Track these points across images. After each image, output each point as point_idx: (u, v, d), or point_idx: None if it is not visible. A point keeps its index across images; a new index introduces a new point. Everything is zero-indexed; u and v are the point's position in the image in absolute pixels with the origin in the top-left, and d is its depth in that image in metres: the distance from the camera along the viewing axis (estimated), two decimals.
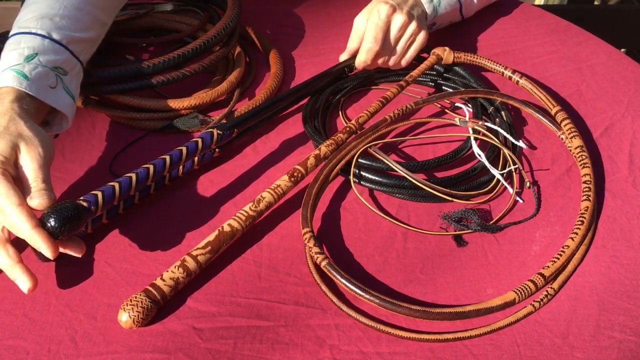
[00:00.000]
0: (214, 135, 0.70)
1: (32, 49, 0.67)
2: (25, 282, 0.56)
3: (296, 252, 0.64)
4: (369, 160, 0.71)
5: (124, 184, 0.63)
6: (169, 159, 0.66)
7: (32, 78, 0.65)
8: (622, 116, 0.83)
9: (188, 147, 0.68)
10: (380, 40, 0.82)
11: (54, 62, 0.68)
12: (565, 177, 0.73)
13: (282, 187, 0.66)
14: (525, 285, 0.58)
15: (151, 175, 0.65)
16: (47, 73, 0.67)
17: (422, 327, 0.57)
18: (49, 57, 0.68)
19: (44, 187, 0.58)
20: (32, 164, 0.59)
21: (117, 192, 0.62)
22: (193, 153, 0.69)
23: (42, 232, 0.55)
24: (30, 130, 0.61)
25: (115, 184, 0.62)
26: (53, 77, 0.68)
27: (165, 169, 0.66)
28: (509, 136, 0.75)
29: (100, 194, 0.60)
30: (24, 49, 0.67)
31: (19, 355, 0.54)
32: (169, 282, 0.58)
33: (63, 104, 0.68)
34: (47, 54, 0.68)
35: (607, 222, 0.67)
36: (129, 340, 0.55)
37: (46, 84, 0.66)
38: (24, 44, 0.67)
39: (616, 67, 0.92)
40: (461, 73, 0.88)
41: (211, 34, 0.83)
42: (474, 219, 0.66)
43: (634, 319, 0.57)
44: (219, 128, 0.71)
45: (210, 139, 0.70)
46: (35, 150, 0.60)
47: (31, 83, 0.64)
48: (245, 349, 0.55)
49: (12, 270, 0.57)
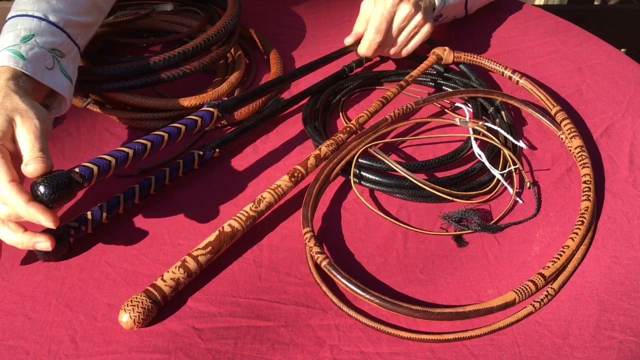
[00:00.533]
0: (213, 114, 0.70)
1: (28, 30, 0.67)
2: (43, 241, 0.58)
3: (296, 252, 0.64)
4: (369, 160, 0.71)
5: (120, 158, 0.63)
6: (167, 136, 0.67)
7: (28, 58, 0.65)
8: (622, 116, 0.83)
9: (187, 124, 0.68)
10: (384, 31, 0.83)
11: (50, 44, 0.68)
12: (565, 177, 0.73)
13: (283, 187, 0.66)
14: (525, 286, 0.58)
15: (148, 151, 0.64)
16: (44, 54, 0.67)
17: (422, 327, 0.57)
18: (46, 39, 0.68)
19: (40, 155, 0.58)
20: (29, 135, 0.59)
21: (112, 166, 0.62)
22: (191, 130, 0.69)
23: (37, 205, 0.55)
24: (26, 104, 0.61)
25: (112, 158, 0.62)
26: (50, 58, 0.67)
27: (163, 144, 0.66)
28: (509, 136, 0.75)
29: (96, 168, 0.61)
30: (20, 30, 0.67)
31: (19, 355, 0.54)
32: (170, 282, 0.58)
33: (60, 85, 0.68)
34: (44, 36, 0.68)
35: (607, 222, 0.67)
36: (129, 341, 0.55)
37: (43, 65, 0.66)
38: (21, 25, 0.67)
39: (616, 67, 0.92)
40: (461, 73, 0.88)
41: (212, 32, 0.83)
42: (474, 219, 0.66)
43: (634, 319, 0.57)
44: (219, 108, 0.71)
45: (210, 118, 0.70)
46: (32, 123, 0.59)
47: (27, 63, 0.64)
48: (245, 349, 0.55)
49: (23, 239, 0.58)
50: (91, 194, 0.71)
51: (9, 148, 0.58)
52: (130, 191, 0.67)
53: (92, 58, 0.85)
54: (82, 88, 0.78)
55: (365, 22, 0.86)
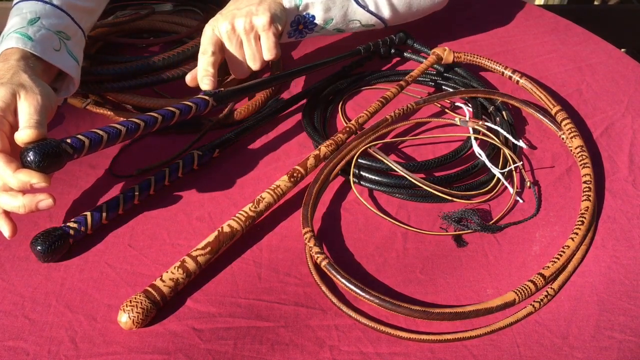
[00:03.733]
0: (208, 102, 0.71)
1: (34, 13, 0.68)
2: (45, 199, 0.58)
3: (296, 252, 0.64)
4: (369, 160, 0.71)
5: (113, 134, 0.63)
6: (161, 118, 0.67)
7: (36, 39, 0.66)
8: (622, 116, 0.83)
9: (181, 109, 0.69)
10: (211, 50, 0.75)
11: (56, 26, 0.69)
12: (566, 177, 0.73)
13: (282, 188, 0.66)
14: (525, 286, 0.58)
15: (141, 130, 0.65)
16: (51, 36, 0.68)
17: (422, 327, 0.57)
18: (52, 21, 0.69)
19: (34, 123, 0.58)
20: (29, 108, 0.59)
21: (104, 141, 0.62)
22: (185, 114, 0.69)
23: (26, 170, 0.56)
24: (32, 81, 0.61)
25: (104, 133, 0.62)
26: (57, 40, 0.69)
27: (156, 125, 0.66)
28: (509, 136, 0.75)
29: (87, 141, 0.61)
30: (26, 13, 0.68)
31: (19, 356, 0.54)
32: (169, 282, 0.58)
33: (68, 66, 0.69)
34: (50, 18, 0.69)
35: (607, 222, 0.67)
36: (129, 341, 0.55)
37: (50, 46, 0.67)
38: (26, 9, 0.69)
39: (616, 67, 0.92)
40: (461, 73, 0.88)
41: None
42: (474, 219, 0.66)
43: (634, 319, 0.57)
44: (214, 98, 0.71)
45: (204, 106, 0.70)
46: (34, 97, 0.60)
47: (36, 44, 0.65)
48: (245, 350, 0.55)
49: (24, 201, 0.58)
50: (91, 194, 0.71)
51: (9, 120, 0.59)
52: (130, 192, 0.67)
53: (92, 58, 0.85)
54: (82, 88, 0.78)
55: None
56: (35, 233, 0.62)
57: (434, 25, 1.02)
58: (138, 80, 0.79)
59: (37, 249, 0.61)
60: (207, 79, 0.75)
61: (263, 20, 0.74)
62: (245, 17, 0.74)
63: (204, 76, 0.76)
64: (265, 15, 0.74)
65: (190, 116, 0.70)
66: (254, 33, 0.76)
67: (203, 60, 0.76)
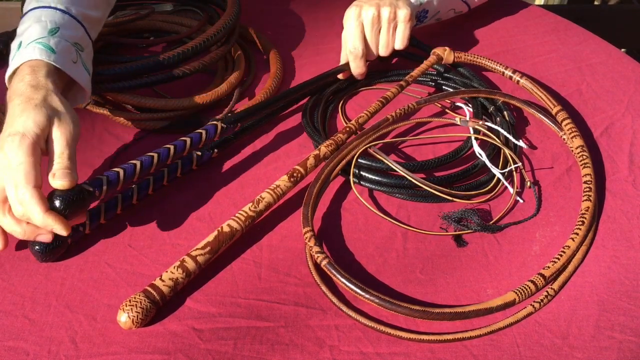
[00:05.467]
0: (217, 127, 0.71)
1: (53, 23, 0.67)
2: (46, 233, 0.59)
3: (296, 252, 0.64)
4: (369, 160, 0.71)
5: (128, 170, 0.64)
6: (173, 149, 0.68)
7: (58, 52, 0.65)
8: (623, 115, 0.83)
9: (192, 137, 0.69)
10: (360, 44, 0.81)
11: (74, 38, 0.69)
12: (565, 177, 0.73)
13: (282, 188, 0.66)
14: (525, 286, 0.58)
15: (155, 164, 0.66)
16: (69, 48, 0.67)
17: (422, 327, 0.57)
18: (70, 32, 0.68)
19: (68, 166, 0.59)
20: (62, 139, 0.60)
21: (121, 178, 0.64)
22: (197, 144, 0.70)
23: (53, 214, 0.57)
24: (64, 106, 0.62)
25: (120, 169, 0.64)
26: (74, 52, 0.68)
27: (169, 157, 0.67)
28: (509, 136, 0.75)
29: (105, 179, 0.62)
30: (45, 22, 0.67)
31: (19, 356, 0.54)
32: (168, 282, 0.58)
33: (83, 79, 0.69)
34: (68, 29, 0.68)
35: (607, 222, 0.67)
36: (129, 341, 0.55)
37: (69, 59, 0.67)
38: (45, 17, 0.67)
39: (616, 67, 0.92)
40: (462, 73, 0.88)
41: (211, 32, 0.83)
42: (474, 219, 0.66)
43: (634, 319, 0.57)
44: (223, 121, 0.72)
45: (214, 131, 0.71)
46: (67, 128, 0.60)
47: (58, 56, 0.65)
48: (245, 350, 0.55)
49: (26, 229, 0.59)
50: None
51: (42, 147, 0.59)
52: (129, 191, 0.67)
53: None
54: None
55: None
56: None
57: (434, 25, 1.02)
58: (138, 80, 0.79)
59: (35, 249, 0.61)
60: (361, 77, 0.86)
61: (405, 12, 0.81)
62: (390, 6, 0.80)
63: (360, 77, 0.86)
64: (407, 8, 0.81)
65: (202, 144, 0.71)
66: (394, 23, 0.82)
67: (358, 61, 0.83)
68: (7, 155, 0.57)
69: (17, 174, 0.56)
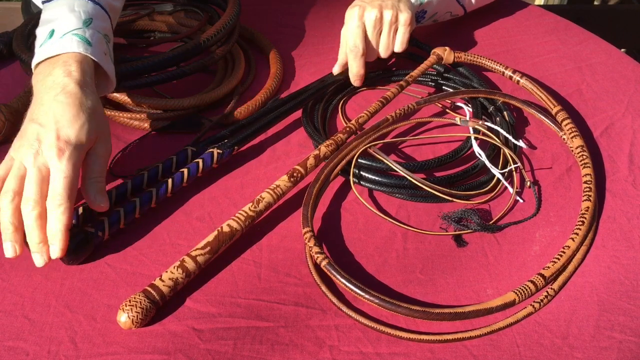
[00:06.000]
0: (214, 155, 0.71)
1: (87, 14, 0.67)
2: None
3: (296, 252, 0.64)
4: (369, 160, 0.71)
5: (128, 208, 0.65)
6: (171, 182, 0.68)
7: (93, 44, 0.65)
8: (623, 115, 0.83)
9: (189, 168, 0.69)
10: (361, 43, 0.81)
11: (104, 29, 0.69)
12: (565, 177, 0.73)
13: (282, 188, 0.66)
14: (525, 286, 0.58)
15: (154, 198, 0.67)
16: (101, 40, 0.67)
17: (422, 327, 0.57)
18: (101, 24, 0.68)
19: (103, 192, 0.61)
20: (102, 158, 0.61)
21: (121, 216, 0.64)
22: (194, 173, 0.70)
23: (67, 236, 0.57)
24: (105, 120, 0.63)
25: (120, 209, 0.64)
26: (104, 44, 0.68)
27: (167, 191, 0.68)
28: (509, 136, 0.75)
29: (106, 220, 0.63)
30: (79, 12, 0.66)
31: (19, 356, 0.54)
32: (168, 282, 0.58)
33: (112, 71, 0.69)
34: (99, 21, 0.68)
35: (607, 222, 0.67)
36: (128, 341, 0.55)
37: (102, 51, 0.67)
38: (78, 7, 0.67)
39: (616, 67, 0.92)
40: (462, 73, 0.88)
41: (211, 32, 0.83)
42: (474, 219, 0.66)
43: (634, 319, 0.57)
44: (219, 147, 0.72)
45: (210, 160, 0.71)
46: (106, 146, 0.62)
47: (94, 49, 0.65)
48: (245, 350, 0.55)
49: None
50: None
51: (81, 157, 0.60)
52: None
53: None
54: None
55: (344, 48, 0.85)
56: None
57: (434, 25, 1.02)
58: (138, 80, 0.79)
59: None
60: (359, 81, 0.85)
61: (407, 16, 0.81)
62: (392, 9, 0.80)
63: (357, 78, 0.84)
64: (409, 12, 0.81)
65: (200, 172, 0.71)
66: (395, 26, 0.82)
67: (357, 61, 0.82)
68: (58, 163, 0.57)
69: (61, 186, 0.57)
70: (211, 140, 0.74)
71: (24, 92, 0.83)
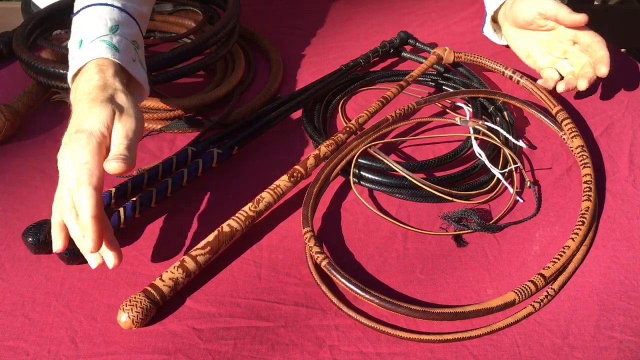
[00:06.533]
0: (214, 155, 0.71)
1: (113, 21, 0.67)
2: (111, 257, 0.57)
3: (296, 252, 0.64)
4: (369, 160, 0.71)
5: (128, 208, 0.65)
6: (171, 182, 0.68)
7: (121, 50, 0.65)
8: (623, 116, 0.83)
9: (189, 168, 0.69)
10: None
11: (131, 35, 0.68)
12: (565, 177, 0.73)
13: (282, 187, 0.66)
14: (525, 286, 0.58)
15: (154, 198, 0.66)
16: (129, 46, 0.67)
17: (422, 327, 0.57)
18: (128, 30, 0.68)
19: (123, 152, 0.56)
20: (122, 131, 0.58)
21: (121, 216, 0.64)
22: (194, 173, 0.70)
23: (99, 223, 0.54)
24: (129, 102, 0.61)
25: (120, 208, 0.64)
26: (133, 50, 0.68)
27: (167, 191, 0.68)
28: (509, 136, 0.75)
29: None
30: (106, 20, 0.66)
31: (19, 356, 0.54)
32: (168, 282, 0.58)
33: (142, 77, 0.68)
34: (126, 27, 0.68)
35: (607, 222, 0.67)
36: (129, 341, 0.55)
37: (130, 57, 0.66)
38: (104, 15, 0.67)
39: (616, 67, 0.92)
40: (463, 73, 0.88)
41: (211, 32, 0.83)
42: (474, 219, 0.66)
43: (634, 319, 0.57)
44: (219, 147, 0.72)
45: (210, 160, 0.71)
46: (129, 120, 0.59)
47: (122, 55, 0.64)
48: (245, 350, 0.55)
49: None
50: None
51: (107, 146, 0.57)
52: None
53: None
54: None
55: None
56: None
57: (434, 25, 1.02)
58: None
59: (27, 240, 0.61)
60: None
61: None
62: None
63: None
64: None
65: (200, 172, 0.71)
66: None
67: None
68: (74, 153, 0.56)
69: (80, 173, 0.55)
70: (211, 140, 0.74)
71: (24, 92, 0.83)
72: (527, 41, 0.87)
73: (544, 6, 0.82)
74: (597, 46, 0.79)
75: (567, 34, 0.82)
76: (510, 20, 0.87)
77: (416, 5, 1.12)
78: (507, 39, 0.91)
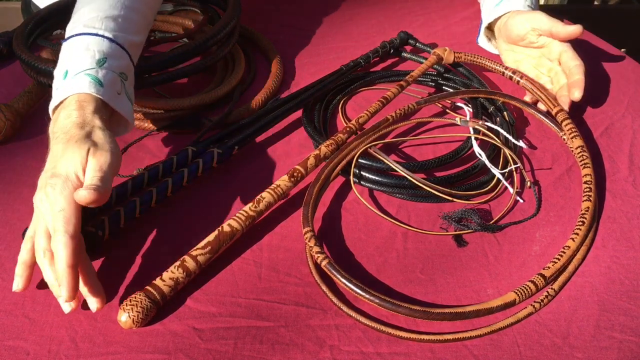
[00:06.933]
0: (214, 155, 0.71)
1: (101, 53, 0.66)
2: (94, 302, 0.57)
3: (296, 252, 0.64)
4: (369, 160, 0.71)
5: (128, 208, 0.65)
6: (171, 182, 0.68)
7: (105, 85, 0.64)
8: (622, 116, 0.83)
9: (190, 168, 0.70)
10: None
11: (119, 67, 0.67)
12: (566, 177, 0.73)
13: (282, 187, 0.66)
14: (525, 286, 0.58)
15: (154, 198, 0.66)
16: (115, 79, 0.66)
17: (423, 327, 0.57)
18: (116, 62, 0.67)
19: (97, 183, 0.55)
20: (96, 164, 0.57)
21: (122, 216, 0.64)
22: (194, 173, 0.70)
23: (73, 275, 0.54)
24: (105, 138, 0.60)
25: (120, 208, 0.64)
26: (119, 83, 0.67)
27: (167, 191, 0.68)
28: (509, 136, 0.75)
29: (107, 220, 0.63)
30: (94, 52, 0.65)
31: (19, 355, 0.54)
32: (169, 282, 0.58)
33: (126, 110, 0.67)
34: (114, 59, 0.67)
35: (607, 222, 0.67)
36: (129, 341, 0.55)
37: (115, 91, 0.66)
38: (93, 46, 0.66)
39: (616, 67, 0.92)
40: (463, 73, 0.88)
41: (211, 32, 0.83)
42: (474, 218, 0.66)
43: (634, 319, 0.57)
44: (219, 147, 0.72)
45: (210, 160, 0.71)
46: (103, 155, 0.58)
47: (105, 90, 0.64)
48: (245, 350, 0.55)
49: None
50: None
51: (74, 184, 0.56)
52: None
53: None
54: None
55: None
56: None
57: (434, 26, 1.02)
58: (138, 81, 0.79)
59: None
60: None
61: None
62: None
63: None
64: None
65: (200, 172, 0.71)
66: None
67: None
68: (50, 199, 0.56)
69: (57, 220, 0.55)
70: (211, 140, 0.74)
71: (24, 92, 0.83)
72: (518, 55, 0.88)
73: (538, 23, 0.83)
74: (575, 70, 0.79)
75: (555, 53, 0.83)
76: (504, 36, 0.89)
77: (416, 6, 1.12)
78: (499, 51, 0.92)
